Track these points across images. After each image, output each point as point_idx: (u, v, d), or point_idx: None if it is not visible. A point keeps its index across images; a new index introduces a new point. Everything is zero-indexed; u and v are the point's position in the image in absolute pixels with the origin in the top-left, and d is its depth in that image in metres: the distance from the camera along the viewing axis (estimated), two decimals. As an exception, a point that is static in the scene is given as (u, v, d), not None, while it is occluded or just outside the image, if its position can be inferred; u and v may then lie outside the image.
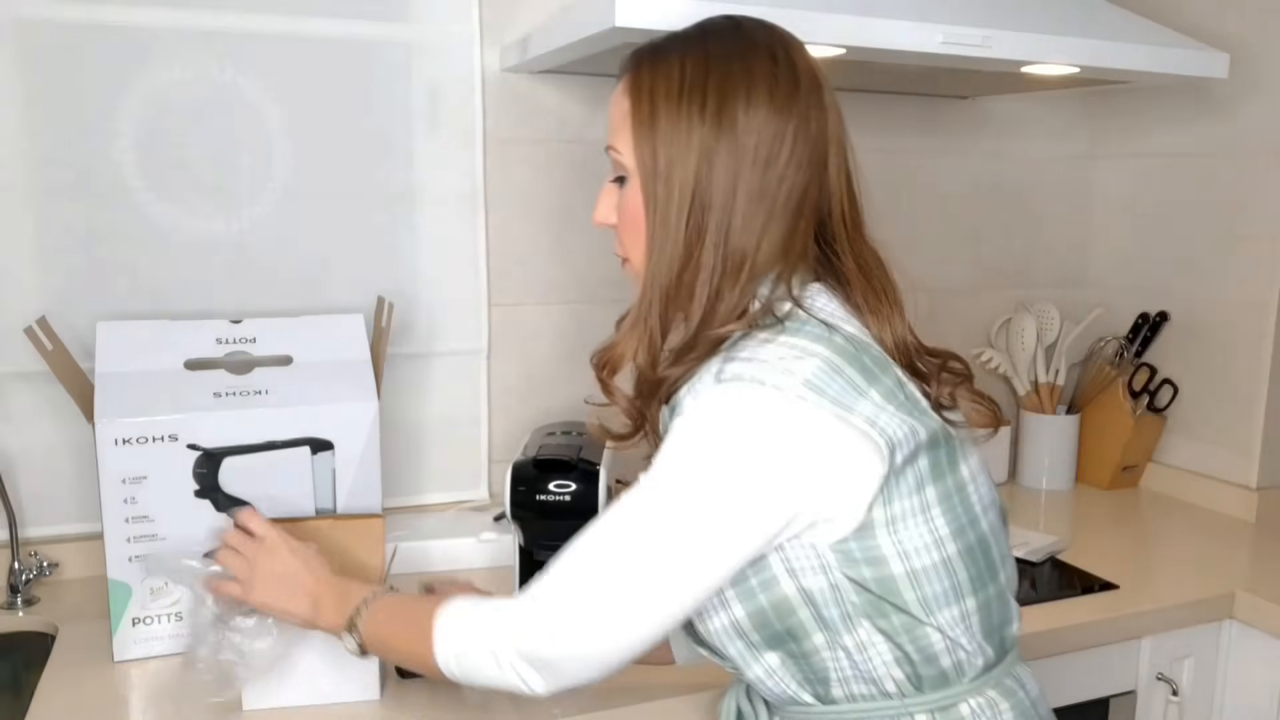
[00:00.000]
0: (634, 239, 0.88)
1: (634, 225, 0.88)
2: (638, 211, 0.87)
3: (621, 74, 0.90)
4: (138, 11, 1.36)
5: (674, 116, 0.84)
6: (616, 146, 0.88)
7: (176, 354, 1.22)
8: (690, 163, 0.83)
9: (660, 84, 0.85)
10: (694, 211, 0.83)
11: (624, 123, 0.87)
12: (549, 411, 1.66)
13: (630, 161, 0.86)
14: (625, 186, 0.88)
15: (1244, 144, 1.73)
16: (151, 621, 1.18)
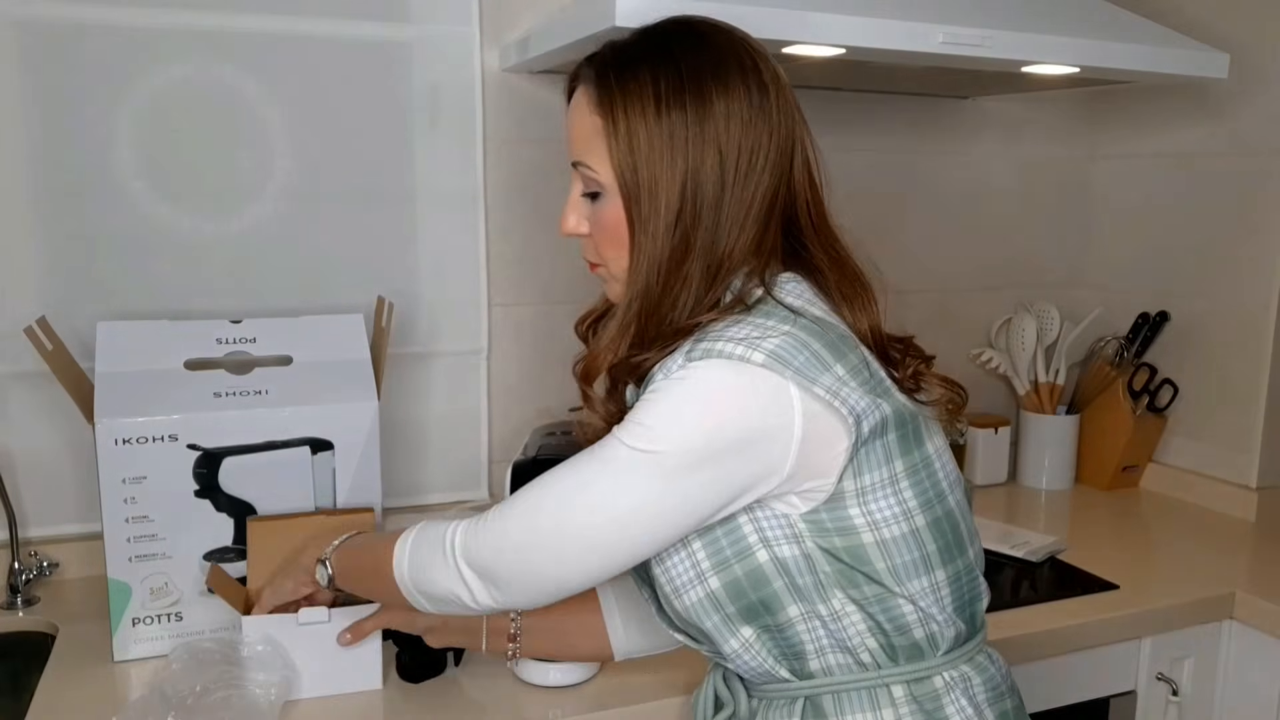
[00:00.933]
0: (614, 250, 0.90)
1: (613, 238, 0.89)
2: (618, 225, 0.88)
3: (577, 83, 0.91)
4: (138, 11, 1.36)
5: (654, 133, 0.85)
6: (588, 163, 0.89)
7: (176, 354, 1.22)
8: (675, 179, 0.85)
9: (634, 100, 0.85)
10: (680, 224, 0.85)
11: (596, 139, 0.87)
12: (549, 411, 1.66)
13: (608, 179, 0.88)
14: (601, 201, 0.89)
15: (1244, 144, 1.73)
16: (151, 621, 1.18)
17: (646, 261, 0.87)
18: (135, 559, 1.16)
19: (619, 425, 0.85)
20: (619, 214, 0.88)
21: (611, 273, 0.93)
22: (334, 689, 1.11)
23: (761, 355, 0.80)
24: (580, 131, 0.89)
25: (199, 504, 1.18)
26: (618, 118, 0.86)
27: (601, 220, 0.90)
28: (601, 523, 0.83)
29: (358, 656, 1.11)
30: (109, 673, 1.15)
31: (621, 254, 0.90)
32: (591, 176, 0.89)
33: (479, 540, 0.87)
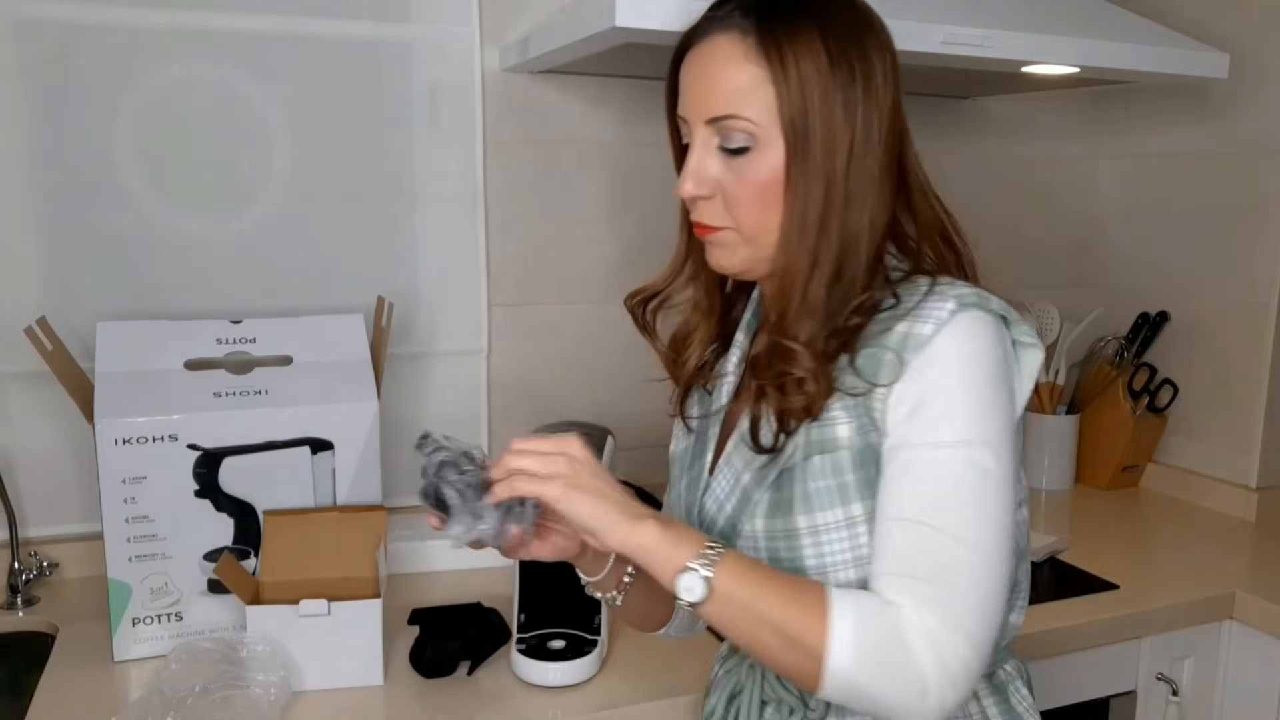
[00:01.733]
0: (754, 210, 0.86)
1: (762, 194, 0.85)
2: (772, 181, 0.84)
3: (703, 37, 0.86)
4: (138, 11, 1.36)
5: (828, 84, 0.82)
6: (742, 114, 0.83)
7: (176, 354, 1.22)
8: (846, 131, 0.83)
9: (804, 49, 0.82)
10: (851, 178, 0.83)
11: (754, 89, 0.83)
12: (549, 411, 1.66)
13: (769, 130, 0.83)
14: (750, 156, 0.84)
15: (1244, 144, 1.73)
16: (151, 621, 1.18)
17: (806, 216, 0.84)
18: (135, 559, 1.16)
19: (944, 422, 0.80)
20: (776, 168, 0.84)
21: (743, 235, 0.87)
22: (335, 683, 1.11)
23: (1010, 313, 0.85)
24: (728, 82, 0.84)
25: (199, 504, 1.18)
26: (788, 65, 0.82)
27: (748, 176, 0.85)
28: (1003, 534, 0.80)
29: (359, 652, 1.12)
30: (109, 673, 1.15)
31: (764, 213, 0.85)
32: (745, 129, 0.83)
33: (964, 623, 0.77)
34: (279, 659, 1.08)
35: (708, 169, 0.87)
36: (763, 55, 0.83)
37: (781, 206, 0.85)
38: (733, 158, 0.85)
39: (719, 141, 0.85)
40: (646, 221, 1.69)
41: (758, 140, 0.84)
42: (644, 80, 1.64)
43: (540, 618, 1.18)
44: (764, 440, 0.87)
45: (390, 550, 1.35)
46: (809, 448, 0.86)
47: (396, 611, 1.23)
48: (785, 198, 0.84)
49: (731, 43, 0.84)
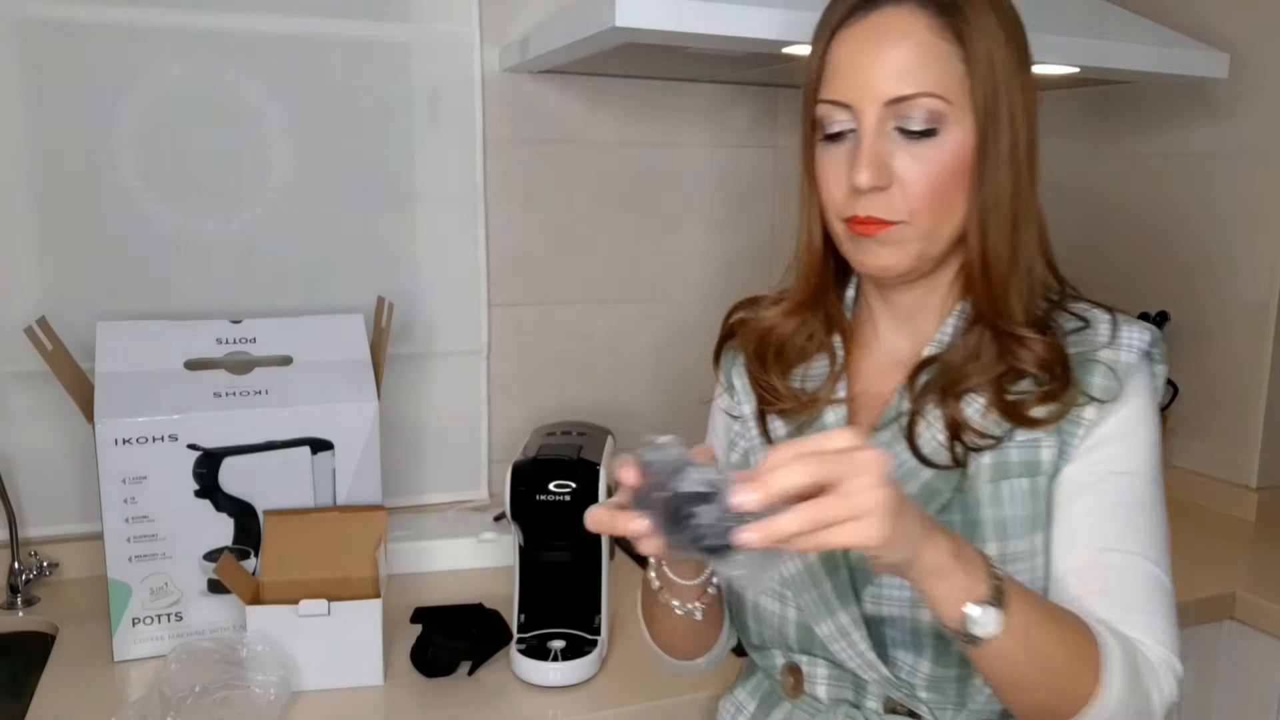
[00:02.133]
0: (937, 198, 0.79)
1: (948, 179, 0.79)
2: (961, 163, 0.79)
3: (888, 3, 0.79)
4: (138, 11, 1.36)
5: (1009, 61, 0.79)
6: (935, 91, 0.77)
7: (176, 354, 1.22)
8: (1025, 110, 0.80)
9: (985, 25, 0.78)
10: (1030, 159, 0.81)
11: (941, 65, 0.77)
12: (549, 411, 1.66)
13: (959, 108, 0.78)
14: (937, 139, 0.78)
15: (1244, 144, 1.73)
16: (151, 621, 1.18)
17: (1000, 202, 0.80)
18: (135, 559, 1.16)
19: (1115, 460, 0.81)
20: (964, 151, 0.79)
21: (918, 230, 0.80)
22: (335, 682, 1.11)
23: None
24: (914, 58, 0.77)
25: (199, 504, 1.18)
26: (976, 39, 0.77)
27: (935, 161, 0.78)
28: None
29: (359, 651, 1.12)
30: (109, 673, 1.15)
31: (947, 203, 0.80)
32: (934, 108, 0.77)
33: (1175, 668, 0.79)
34: (279, 659, 1.08)
35: (885, 154, 0.79)
36: (949, 29, 0.77)
37: (964, 195, 0.80)
38: (915, 142, 0.78)
39: (896, 124, 0.78)
40: (647, 221, 1.69)
41: (945, 121, 0.78)
42: (644, 80, 1.64)
43: (540, 618, 1.18)
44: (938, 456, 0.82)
45: (390, 550, 1.35)
46: (1004, 469, 0.81)
47: (397, 611, 1.22)
48: (973, 184, 0.80)
49: (911, 15, 0.78)
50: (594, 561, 1.22)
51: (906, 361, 0.88)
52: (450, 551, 1.45)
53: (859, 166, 0.78)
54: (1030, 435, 0.80)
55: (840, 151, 0.81)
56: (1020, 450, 0.81)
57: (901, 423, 0.84)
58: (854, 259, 0.84)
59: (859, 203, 0.80)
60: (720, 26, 1.17)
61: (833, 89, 0.80)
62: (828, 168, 0.82)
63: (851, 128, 0.80)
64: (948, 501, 0.81)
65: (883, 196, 0.79)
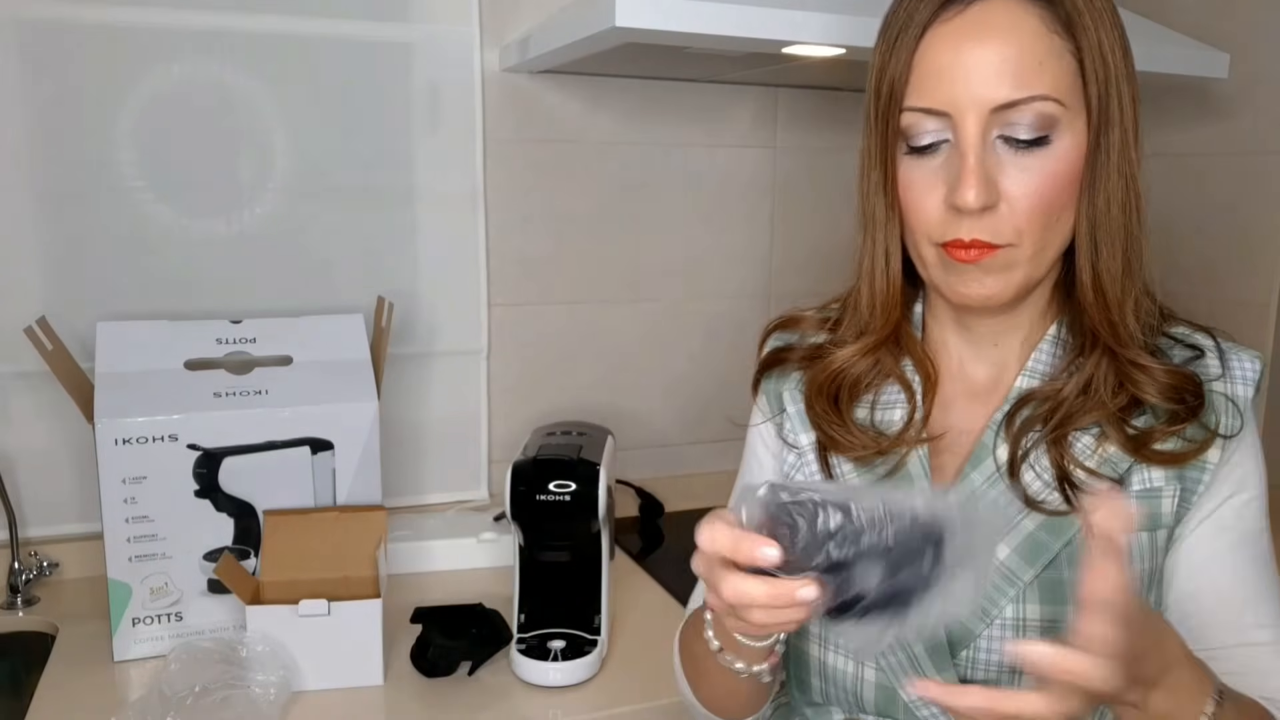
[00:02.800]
0: (1051, 214, 0.70)
1: (1062, 195, 0.71)
2: (1073, 172, 0.70)
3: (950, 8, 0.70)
4: (138, 11, 1.36)
5: (1120, 59, 0.72)
6: (1052, 94, 0.68)
7: (176, 354, 1.22)
8: (1130, 105, 0.72)
9: (1101, 14, 0.72)
10: (1141, 165, 0.73)
11: (1057, 61, 0.69)
12: (549, 411, 1.66)
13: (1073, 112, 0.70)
14: (1049, 148, 0.69)
15: (1244, 144, 1.73)
16: (151, 621, 1.18)
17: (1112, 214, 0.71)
18: (135, 559, 1.16)
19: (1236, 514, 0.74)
20: (1077, 158, 0.70)
21: (1027, 252, 0.71)
22: (335, 683, 1.11)
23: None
24: (1026, 56, 0.68)
25: (199, 504, 1.18)
26: (1089, 29, 0.70)
27: (1048, 172, 0.69)
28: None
29: (359, 651, 1.12)
30: (109, 673, 1.15)
31: (1058, 219, 0.71)
32: (1050, 113, 0.68)
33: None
34: (279, 659, 1.08)
35: (993, 168, 0.70)
36: (1059, 20, 0.69)
37: (1071, 207, 0.71)
38: (1023, 152, 0.69)
39: (1000, 133, 0.69)
40: (647, 221, 1.69)
41: (1058, 127, 0.69)
42: (644, 80, 1.64)
43: (540, 618, 1.19)
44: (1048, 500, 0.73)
45: (390, 550, 1.35)
46: None
47: (397, 611, 1.22)
48: (1083, 194, 0.71)
49: (1017, 6, 0.69)
50: (594, 561, 1.22)
51: (987, 392, 0.80)
52: (450, 551, 1.45)
53: (965, 184, 0.68)
54: (1150, 484, 0.73)
55: (933, 166, 0.71)
56: (1140, 500, 0.73)
57: (999, 464, 0.75)
58: (950, 289, 0.74)
59: (962, 225, 0.70)
60: (720, 26, 1.17)
61: (924, 95, 0.70)
62: (919, 185, 0.72)
63: (945, 139, 0.71)
64: (1055, 556, 0.73)
65: (990, 217, 0.70)
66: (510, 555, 1.36)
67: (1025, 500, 0.73)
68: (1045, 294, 0.78)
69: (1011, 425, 0.76)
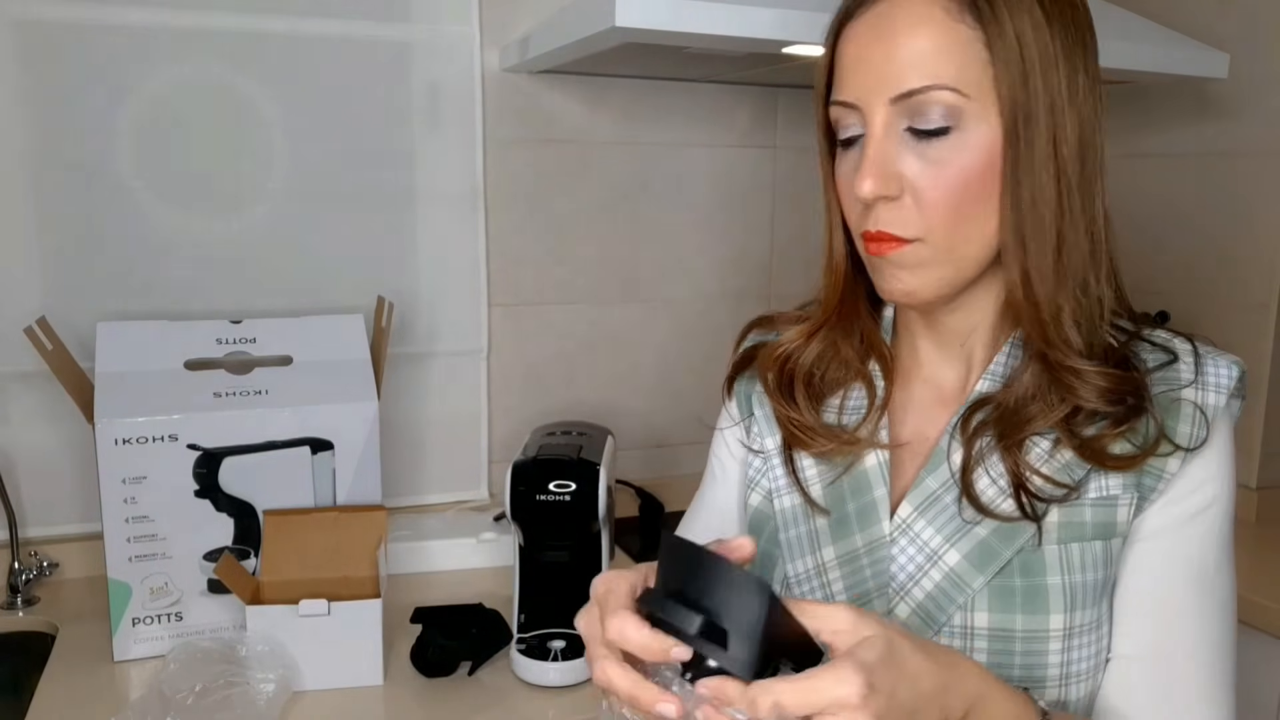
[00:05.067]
0: (955, 210, 0.69)
1: (971, 189, 0.68)
2: (984, 170, 0.68)
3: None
4: (138, 11, 1.36)
5: (1044, 41, 0.68)
6: (948, 83, 0.67)
7: (176, 354, 1.22)
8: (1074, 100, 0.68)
9: (1022, 6, 0.67)
10: (1081, 159, 0.70)
11: (958, 52, 0.67)
12: (549, 411, 1.66)
13: (980, 102, 0.67)
14: (953, 138, 0.68)
15: (1244, 144, 1.73)
16: (151, 621, 1.18)
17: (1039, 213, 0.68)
18: (135, 559, 1.16)
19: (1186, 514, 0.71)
20: (989, 152, 0.68)
21: (938, 248, 0.70)
22: (335, 683, 1.11)
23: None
24: (925, 44, 0.67)
25: (199, 504, 1.18)
26: (1002, 19, 0.67)
27: (953, 163, 0.68)
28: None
29: (359, 651, 1.12)
30: (109, 673, 1.15)
31: (969, 214, 0.69)
32: (948, 102, 0.67)
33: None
34: (279, 659, 1.08)
35: (894, 160, 0.69)
36: (968, 11, 0.67)
37: (992, 205, 0.69)
38: (928, 143, 0.68)
39: (908, 123, 0.69)
40: (647, 221, 1.69)
41: (963, 118, 0.68)
42: (644, 80, 1.64)
43: (540, 618, 1.19)
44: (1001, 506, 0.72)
45: (390, 550, 1.35)
46: (1077, 530, 0.71)
47: (397, 611, 1.23)
48: (1004, 192, 0.69)
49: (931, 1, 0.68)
50: (594, 561, 1.22)
51: (955, 396, 0.79)
52: (450, 551, 1.45)
53: (860, 174, 0.69)
54: (1107, 491, 0.71)
55: (855, 159, 0.72)
56: (1096, 509, 0.71)
57: (953, 469, 0.74)
58: (876, 284, 0.74)
59: (870, 216, 0.71)
60: (720, 26, 1.17)
61: (840, 89, 0.72)
62: (844, 178, 0.73)
63: (861, 132, 0.71)
64: (1007, 564, 0.72)
65: (894, 209, 0.69)
66: (510, 555, 1.36)
67: (977, 506, 0.72)
68: (1002, 296, 0.75)
69: (966, 429, 0.74)
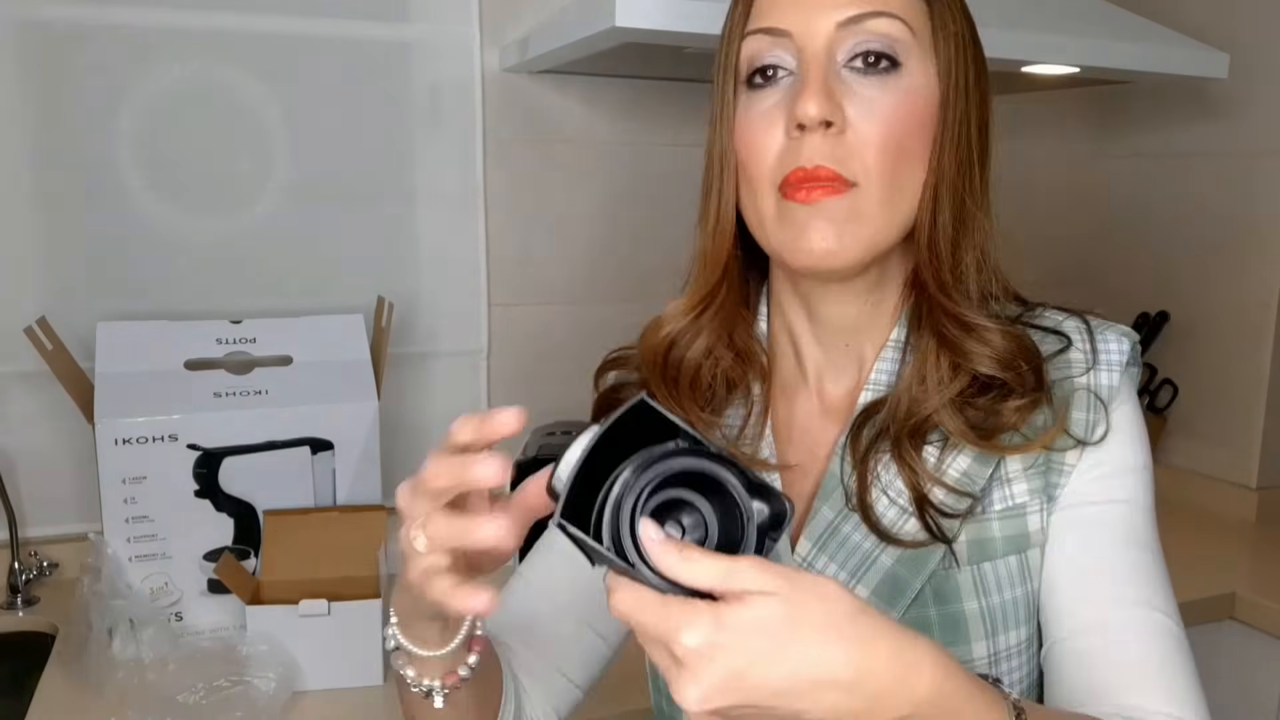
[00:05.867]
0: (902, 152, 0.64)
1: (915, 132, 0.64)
2: (924, 115, 0.64)
3: None
4: (138, 11, 1.36)
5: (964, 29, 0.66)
6: (897, 12, 0.63)
7: (176, 354, 1.22)
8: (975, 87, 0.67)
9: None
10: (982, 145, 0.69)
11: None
12: (549, 411, 1.66)
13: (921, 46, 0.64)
14: (899, 74, 0.64)
15: (1244, 144, 1.73)
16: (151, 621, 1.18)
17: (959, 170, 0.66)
18: (135, 559, 1.16)
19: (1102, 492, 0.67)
20: (927, 98, 0.65)
21: (876, 196, 0.64)
22: (335, 683, 1.11)
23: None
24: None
25: (199, 504, 1.18)
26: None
27: (899, 102, 0.63)
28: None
29: (359, 651, 1.11)
30: (109, 673, 1.15)
31: (908, 160, 0.64)
32: (896, 35, 0.63)
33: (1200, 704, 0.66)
34: (279, 659, 1.08)
35: (836, 92, 0.63)
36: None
37: (921, 161, 0.65)
38: (874, 77, 0.63)
39: (850, 54, 0.63)
40: (646, 221, 1.69)
41: (909, 55, 0.64)
42: (644, 80, 1.64)
43: (540, 618, 1.18)
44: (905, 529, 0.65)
45: (390, 550, 1.35)
46: (986, 548, 0.66)
47: (396, 611, 1.22)
48: (932, 151, 0.65)
49: None
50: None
51: (845, 407, 0.71)
52: (450, 551, 1.45)
53: (805, 96, 0.62)
54: (1013, 500, 0.66)
55: (773, 100, 0.65)
56: (1004, 522, 0.66)
57: (849, 494, 0.67)
58: (788, 247, 0.65)
59: (803, 150, 0.62)
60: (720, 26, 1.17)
61: (766, 14, 0.65)
62: (757, 123, 0.65)
63: (789, 68, 0.65)
64: (919, 593, 0.65)
65: (835, 143, 0.62)
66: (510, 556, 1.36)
67: (879, 533, 0.66)
68: (896, 289, 0.71)
69: (857, 447, 0.67)
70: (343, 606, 1.10)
